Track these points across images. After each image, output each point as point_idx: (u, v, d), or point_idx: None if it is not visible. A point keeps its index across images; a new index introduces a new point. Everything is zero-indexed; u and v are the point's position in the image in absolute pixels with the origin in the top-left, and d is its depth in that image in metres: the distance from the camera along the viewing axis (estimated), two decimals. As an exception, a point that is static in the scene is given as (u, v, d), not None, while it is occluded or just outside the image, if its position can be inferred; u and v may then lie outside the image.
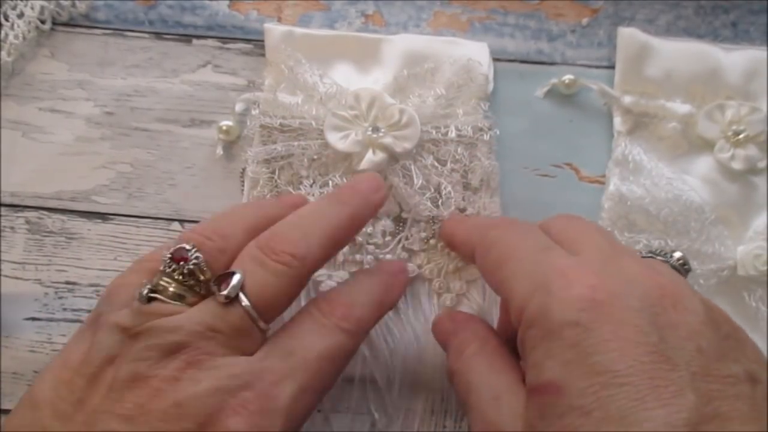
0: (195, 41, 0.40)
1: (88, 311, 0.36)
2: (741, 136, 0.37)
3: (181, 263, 0.26)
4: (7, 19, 0.39)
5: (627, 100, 0.38)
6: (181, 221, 0.38)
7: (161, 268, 0.26)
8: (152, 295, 0.26)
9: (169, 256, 0.26)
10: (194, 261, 0.26)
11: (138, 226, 0.38)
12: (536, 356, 0.23)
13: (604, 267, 0.24)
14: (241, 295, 0.25)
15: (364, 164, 0.35)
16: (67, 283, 0.37)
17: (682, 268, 0.27)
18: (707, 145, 0.38)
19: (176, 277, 0.26)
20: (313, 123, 0.36)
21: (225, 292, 0.25)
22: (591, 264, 0.24)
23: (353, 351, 0.29)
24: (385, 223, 0.36)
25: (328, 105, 0.36)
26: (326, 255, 0.29)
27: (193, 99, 0.39)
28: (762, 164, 0.37)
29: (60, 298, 0.36)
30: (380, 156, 0.35)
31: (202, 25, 0.41)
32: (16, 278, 0.37)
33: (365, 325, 0.29)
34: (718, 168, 0.37)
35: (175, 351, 0.25)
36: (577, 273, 0.24)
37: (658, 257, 0.27)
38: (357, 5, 0.41)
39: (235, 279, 0.26)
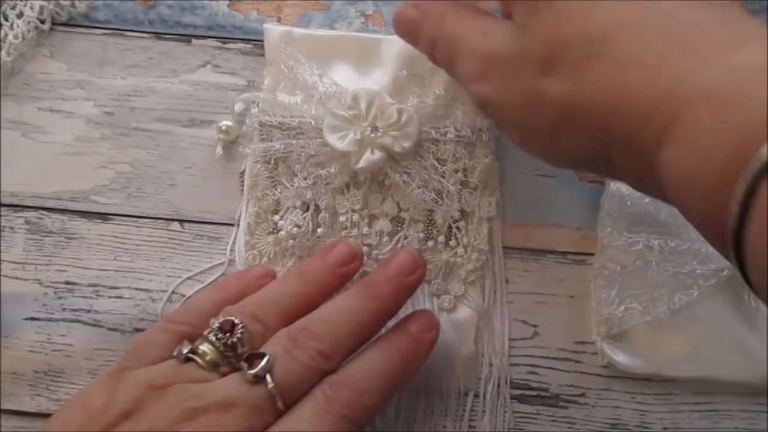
0: (195, 41, 0.40)
1: (88, 311, 0.36)
2: (741, 136, 0.37)
3: (227, 334, 0.28)
4: (6, 19, 0.39)
5: (627, 100, 0.38)
6: (181, 221, 0.38)
7: (205, 333, 0.28)
8: (190, 356, 0.28)
9: (218, 325, 0.28)
10: (239, 335, 0.28)
11: (138, 226, 0.38)
12: None
13: None
14: (268, 377, 0.27)
15: (362, 163, 0.35)
16: (67, 283, 0.37)
17: None
18: (707, 145, 0.38)
19: (217, 346, 0.28)
20: (312, 122, 0.36)
21: (254, 371, 0.27)
22: None
23: None
24: (383, 223, 0.36)
25: (327, 104, 0.36)
26: (352, 349, 0.29)
27: (192, 99, 0.39)
28: (762, 164, 0.37)
29: (60, 298, 0.36)
30: (378, 155, 0.35)
31: (202, 25, 0.41)
32: (16, 278, 0.37)
33: (371, 412, 0.29)
34: (718, 168, 0.37)
35: (193, 417, 0.26)
36: None
37: None
38: (357, 5, 0.41)
39: (265, 361, 0.27)
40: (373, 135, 0.35)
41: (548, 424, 0.35)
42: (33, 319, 0.36)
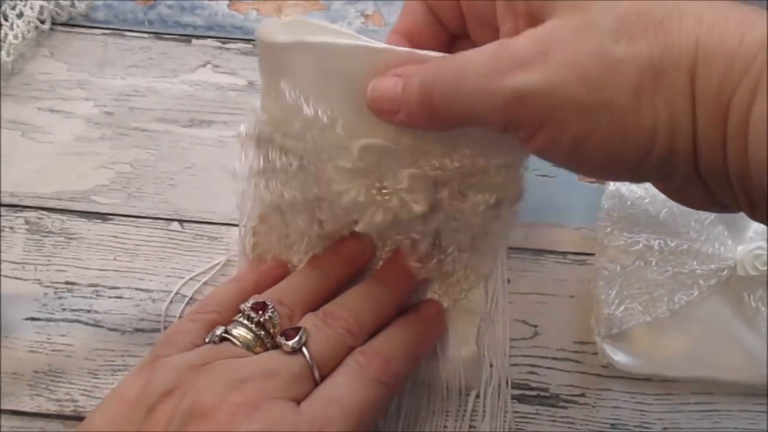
0: (195, 41, 0.40)
1: (88, 311, 0.36)
2: (741, 136, 0.37)
3: (260, 312, 0.30)
4: (6, 19, 0.39)
5: (627, 100, 0.38)
6: (181, 221, 0.38)
7: (236, 318, 0.30)
8: (225, 336, 0.30)
9: (250, 306, 0.30)
10: (270, 314, 0.30)
11: (137, 226, 0.38)
12: None
13: None
14: (304, 348, 0.29)
15: (361, 226, 0.31)
16: (67, 283, 0.37)
17: None
18: (707, 145, 0.38)
19: (249, 326, 0.30)
20: (313, 168, 0.31)
21: (292, 342, 0.29)
22: None
23: (388, 405, 0.31)
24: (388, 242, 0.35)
25: (331, 152, 0.30)
26: (373, 332, 0.32)
27: (192, 99, 0.39)
28: (762, 164, 0.37)
29: (59, 298, 0.36)
30: (381, 218, 0.31)
31: (202, 25, 0.41)
32: (16, 278, 0.37)
33: (402, 380, 0.31)
34: (718, 168, 0.37)
35: (238, 387, 0.27)
36: None
37: None
38: (357, 5, 0.41)
39: (301, 333, 0.29)
40: (378, 197, 0.30)
41: (548, 424, 0.35)
42: (33, 319, 0.36)
